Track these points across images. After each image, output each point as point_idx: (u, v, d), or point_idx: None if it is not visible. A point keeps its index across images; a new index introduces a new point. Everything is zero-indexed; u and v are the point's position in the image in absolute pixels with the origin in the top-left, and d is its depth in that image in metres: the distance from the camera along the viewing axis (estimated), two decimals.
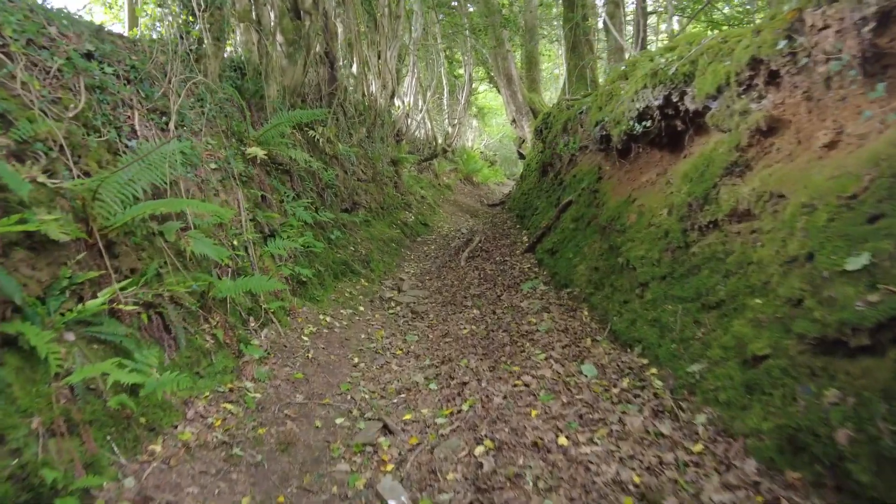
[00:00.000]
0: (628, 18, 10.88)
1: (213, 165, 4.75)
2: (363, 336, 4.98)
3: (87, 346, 2.74)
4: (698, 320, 3.10)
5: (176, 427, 2.89)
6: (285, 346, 4.24)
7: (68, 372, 2.44)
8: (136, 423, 2.68)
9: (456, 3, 16.41)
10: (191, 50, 5.34)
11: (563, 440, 2.74)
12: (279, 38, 7.10)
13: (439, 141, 20.22)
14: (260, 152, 5.52)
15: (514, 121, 16.45)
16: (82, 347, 2.69)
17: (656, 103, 4.15)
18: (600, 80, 11.50)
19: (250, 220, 5.12)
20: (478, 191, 23.11)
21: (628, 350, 3.65)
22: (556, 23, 16.55)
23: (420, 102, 18.02)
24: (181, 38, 4.96)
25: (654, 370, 3.25)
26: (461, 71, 21.72)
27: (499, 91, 20.85)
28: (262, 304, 4.48)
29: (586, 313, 4.54)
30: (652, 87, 4.20)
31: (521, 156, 20.84)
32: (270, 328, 4.39)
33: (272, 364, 3.92)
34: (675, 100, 4.01)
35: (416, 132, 17.86)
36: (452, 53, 21.95)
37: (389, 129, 13.50)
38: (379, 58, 12.56)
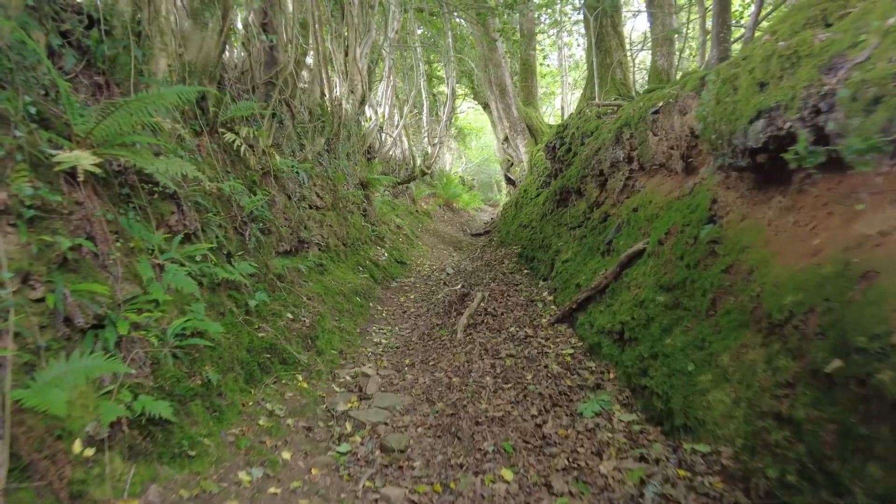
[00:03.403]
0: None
1: None
2: None
3: None
4: None
5: None
6: None
7: None
8: None
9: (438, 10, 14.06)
10: None
11: None
12: None
13: (418, 162, 17.63)
14: (87, 160, 2.79)
15: (506, 139, 14.00)
16: None
17: None
18: (631, 81, 9.15)
19: (34, 301, 2.37)
20: (458, 218, 20.71)
21: None
22: (552, 31, 14.33)
23: (396, 117, 15.46)
24: None
25: None
26: (443, 88, 19.33)
27: (484, 107, 18.50)
28: None
29: None
30: None
31: (509, 180, 18.39)
32: None
33: None
34: None
35: (392, 150, 15.23)
36: (433, 69, 19.61)
37: (358, 143, 10.84)
38: (346, 54, 9.98)
